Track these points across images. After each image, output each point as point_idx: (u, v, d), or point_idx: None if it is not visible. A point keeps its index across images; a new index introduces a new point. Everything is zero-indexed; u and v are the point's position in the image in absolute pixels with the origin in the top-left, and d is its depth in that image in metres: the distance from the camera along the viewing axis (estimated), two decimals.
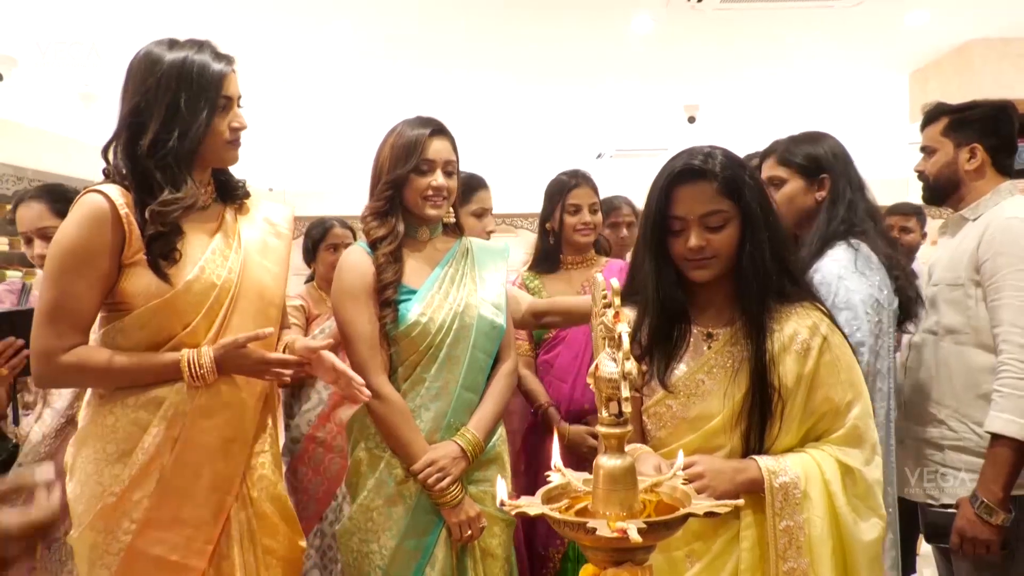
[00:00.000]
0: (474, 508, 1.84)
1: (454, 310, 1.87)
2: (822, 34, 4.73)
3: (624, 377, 1.01)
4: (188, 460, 1.57)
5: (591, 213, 2.53)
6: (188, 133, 1.56)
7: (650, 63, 5.30)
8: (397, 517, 1.82)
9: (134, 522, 1.54)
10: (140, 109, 1.57)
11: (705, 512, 1.03)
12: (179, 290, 1.56)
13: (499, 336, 1.93)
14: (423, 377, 1.85)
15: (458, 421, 1.86)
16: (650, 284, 1.51)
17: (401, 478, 1.83)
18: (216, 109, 1.59)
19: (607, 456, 1.06)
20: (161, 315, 1.57)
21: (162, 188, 1.55)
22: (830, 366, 1.47)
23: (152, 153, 1.55)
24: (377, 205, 1.90)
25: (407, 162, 1.86)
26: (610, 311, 1.04)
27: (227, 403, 1.61)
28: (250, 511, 1.65)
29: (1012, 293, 1.87)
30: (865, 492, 1.45)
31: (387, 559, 1.81)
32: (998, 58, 4.71)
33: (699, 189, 1.45)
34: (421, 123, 1.92)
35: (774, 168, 2.06)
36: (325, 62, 5.20)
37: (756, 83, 5.84)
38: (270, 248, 1.73)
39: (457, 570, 1.85)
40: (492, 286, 1.95)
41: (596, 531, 0.96)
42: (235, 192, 1.73)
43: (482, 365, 1.90)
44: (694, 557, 1.46)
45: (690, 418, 1.50)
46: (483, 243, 2.08)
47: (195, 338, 1.59)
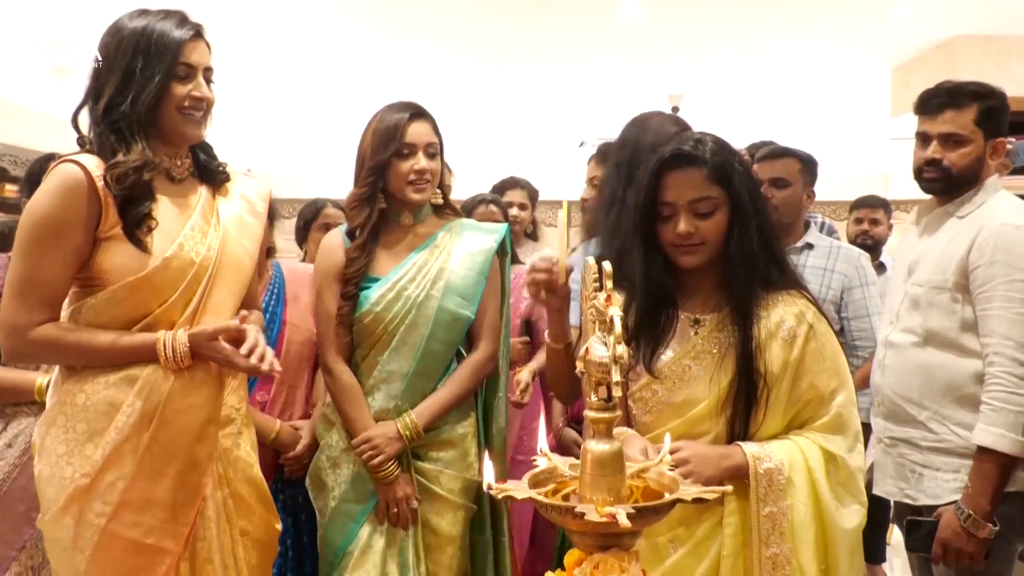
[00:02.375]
0: (405, 489, 1.89)
1: (412, 300, 1.90)
2: (807, 25, 4.74)
3: (615, 361, 1.00)
4: (164, 440, 1.54)
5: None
6: (140, 97, 1.52)
7: (635, 51, 5.29)
8: (341, 480, 1.93)
9: (108, 504, 1.51)
10: (99, 74, 1.55)
11: (693, 498, 1.02)
12: (157, 266, 1.53)
13: (464, 326, 1.94)
14: (377, 360, 1.92)
15: (407, 405, 1.91)
16: (638, 269, 1.51)
17: (346, 444, 1.93)
18: (172, 76, 1.55)
19: (595, 441, 1.05)
20: (139, 292, 1.53)
21: (115, 152, 1.52)
22: (816, 353, 1.47)
23: (105, 118, 1.53)
24: (361, 191, 1.91)
25: (388, 147, 1.87)
26: (601, 294, 1.03)
27: (203, 383, 1.58)
28: (226, 491, 1.63)
29: (1003, 304, 1.84)
30: (847, 479, 1.46)
31: (327, 517, 1.94)
32: (980, 55, 4.75)
33: (689, 175, 1.45)
34: (401, 107, 1.93)
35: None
36: (307, 44, 5.13)
37: (740, 74, 5.84)
38: (247, 226, 1.70)
39: (394, 539, 1.90)
40: (465, 275, 1.94)
41: (584, 516, 0.95)
42: (214, 174, 1.69)
43: (440, 354, 1.93)
44: (677, 543, 1.47)
45: (676, 403, 1.50)
46: (474, 226, 2.06)
47: (171, 316, 1.56)
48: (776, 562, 1.41)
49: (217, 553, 1.59)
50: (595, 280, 1.09)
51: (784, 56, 5.40)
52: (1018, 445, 1.80)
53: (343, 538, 1.90)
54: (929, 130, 2.00)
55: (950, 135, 1.97)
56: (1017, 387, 1.81)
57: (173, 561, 1.55)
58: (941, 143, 1.98)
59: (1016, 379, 1.81)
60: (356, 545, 1.89)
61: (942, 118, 1.98)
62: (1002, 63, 4.72)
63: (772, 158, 2.61)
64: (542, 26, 4.83)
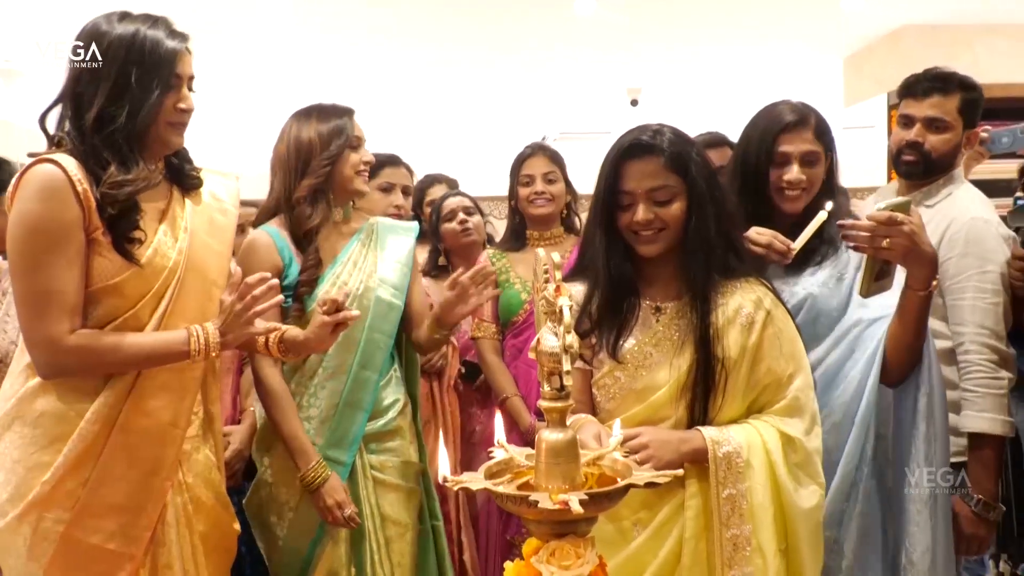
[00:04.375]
0: (338, 495, 1.87)
1: (353, 294, 1.93)
2: (760, 17, 4.80)
3: (565, 351, 1.02)
4: (126, 445, 1.52)
5: (545, 183, 2.48)
6: (139, 112, 1.49)
7: (593, 45, 5.31)
8: (295, 489, 1.90)
9: (67, 510, 1.49)
10: (84, 80, 1.50)
11: (646, 483, 1.04)
12: (131, 273, 1.51)
13: (398, 317, 2.01)
14: (321, 358, 1.93)
15: (354, 398, 1.93)
16: (600, 258, 1.54)
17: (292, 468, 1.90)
18: (168, 88, 1.52)
19: (549, 430, 1.06)
20: (111, 296, 1.51)
21: (110, 166, 1.48)
22: (773, 339, 1.51)
23: (98, 129, 1.49)
24: (317, 181, 1.93)
25: (342, 137, 1.94)
26: (551, 285, 1.05)
27: (164, 386, 1.56)
28: (186, 496, 1.61)
29: (976, 294, 1.90)
30: (804, 460, 1.49)
31: (286, 529, 1.93)
32: (928, 44, 4.84)
33: (647, 164, 1.49)
34: (337, 110, 2.00)
35: None
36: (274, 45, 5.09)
37: (697, 66, 5.90)
38: (216, 226, 1.67)
39: (357, 537, 1.94)
40: (392, 267, 2.02)
41: (538, 504, 0.97)
42: (187, 181, 1.66)
43: (381, 345, 1.98)
44: (640, 526, 1.50)
45: (637, 389, 1.53)
46: (389, 222, 2.13)
47: (139, 320, 1.54)
48: (736, 543, 1.44)
49: (177, 559, 1.58)
50: (545, 272, 1.11)
51: (740, 48, 5.46)
52: (1008, 425, 1.88)
53: (309, 544, 1.91)
54: (915, 113, 2.02)
55: (934, 119, 1.99)
56: (996, 371, 1.88)
57: (134, 567, 1.54)
58: (924, 126, 2.01)
59: (994, 365, 1.88)
60: (322, 549, 1.91)
61: (928, 102, 2.00)
62: (949, 52, 4.81)
63: (707, 148, 2.64)
64: (500, 23, 4.84)
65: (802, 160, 1.74)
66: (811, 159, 1.75)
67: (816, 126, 1.77)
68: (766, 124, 1.78)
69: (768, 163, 1.76)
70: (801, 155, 1.74)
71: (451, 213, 2.71)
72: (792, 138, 1.75)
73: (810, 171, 1.75)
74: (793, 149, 1.74)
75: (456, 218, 2.69)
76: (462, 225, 2.67)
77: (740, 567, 1.43)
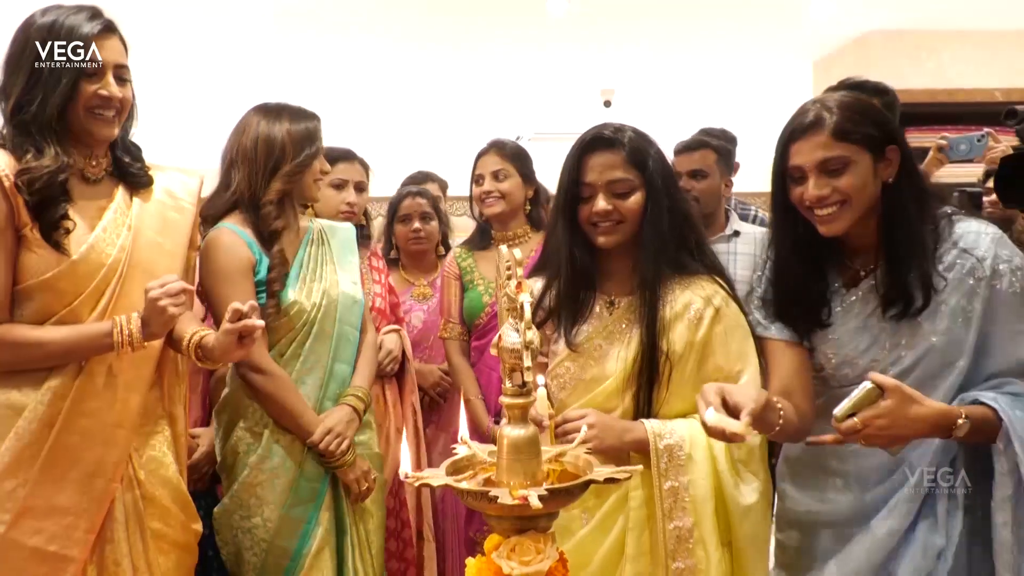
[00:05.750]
0: (365, 463, 1.97)
1: (322, 288, 1.97)
2: (731, 21, 4.85)
3: (526, 347, 1.02)
4: (67, 445, 1.50)
5: (495, 180, 2.43)
6: (49, 98, 1.48)
7: (566, 46, 5.33)
8: (281, 488, 1.89)
9: (7, 512, 1.47)
10: (7, 72, 1.51)
11: (605, 478, 1.05)
12: (63, 269, 1.50)
13: (361, 309, 2.06)
14: (298, 352, 1.94)
15: (333, 391, 1.98)
16: (563, 249, 1.60)
17: (283, 451, 1.90)
18: (81, 74, 1.50)
19: (510, 426, 1.07)
20: (45, 292, 1.50)
21: (25, 154, 1.47)
22: (721, 336, 1.55)
23: (13, 119, 1.49)
24: (287, 187, 1.94)
25: (312, 144, 1.97)
26: (512, 282, 1.05)
27: (107, 386, 1.55)
28: (136, 493, 1.59)
29: None
30: (747, 456, 1.53)
31: (272, 530, 1.88)
32: (894, 49, 4.93)
33: (607, 158, 1.56)
34: (306, 112, 2.01)
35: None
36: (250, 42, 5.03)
37: (668, 69, 5.95)
38: (168, 223, 1.66)
39: (340, 532, 1.96)
40: (348, 264, 2.08)
41: (498, 499, 0.97)
42: (134, 176, 1.64)
43: (350, 338, 2.03)
44: (588, 515, 1.53)
45: (586, 379, 1.58)
46: (333, 225, 2.16)
47: (78, 316, 1.53)
48: (680, 535, 1.47)
49: (126, 557, 1.56)
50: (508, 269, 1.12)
51: (710, 51, 5.51)
52: None
53: (299, 541, 1.90)
54: None
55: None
56: None
57: (77, 568, 1.52)
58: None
59: None
60: (313, 545, 1.90)
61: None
62: (914, 56, 4.90)
63: (689, 150, 2.68)
64: (473, 23, 4.84)
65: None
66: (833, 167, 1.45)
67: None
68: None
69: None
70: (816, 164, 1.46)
71: (406, 216, 2.71)
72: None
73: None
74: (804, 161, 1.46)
75: (410, 224, 2.70)
76: (414, 233, 2.71)
77: (683, 559, 1.47)
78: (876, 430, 1.25)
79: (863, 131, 1.40)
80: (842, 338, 1.47)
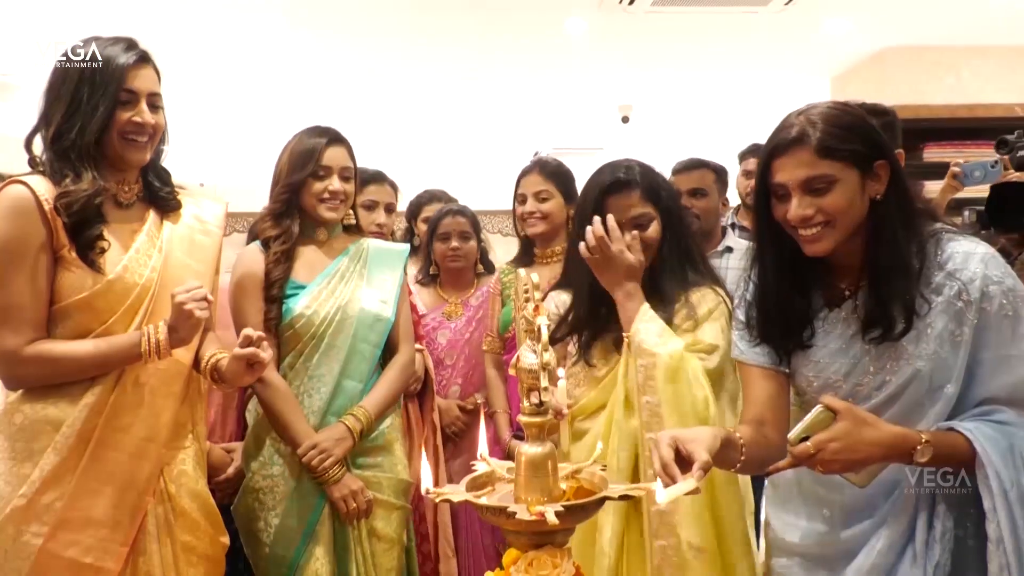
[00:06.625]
0: (356, 483, 1.95)
1: (338, 303, 1.99)
2: (749, 38, 4.88)
3: (543, 368, 1.06)
4: (102, 459, 1.56)
5: (537, 201, 2.45)
6: (87, 126, 1.56)
7: (584, 63, 5.38)
8: (280, 497, 1.94)
9: (45, 524, 1.51)
10: (49, 101, 1.59)
11: (620, 495, 1.08)
12: (99, 289, 1.56)
13: (386, 328, 2.04)
14: (306, 366, 1.97)
15: (340, 407, 1.97)
16: (585, 276, 1.75)
17: (283, 461, 1.95)
18: (117, 103, 1.58)
19: (529, 444, 1.10)
20: (81, 312, 1.57)
21: (64, 179, 1.55)
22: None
23: (54, 145, 1.56)
24: (274, 207, 2.02)
25: (304, 168, 1.99)
26: (530, 305, 1.09)
27: (140, 402, 1.60)
28: (168, 506, 1.64)
29: None
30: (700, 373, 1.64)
31: (272, 536, 1.93)
32: (912, 65, 4.93)
33: (626, 197, 1.73)
34: (319, 132, 2.04)
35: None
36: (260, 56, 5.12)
37: (687, 85, 5.97)
38: (197, 245, 1.72)
39: (340, 547, 1.96)
40: (380, 282, 2.07)
41: (516, 515, 1.01)
42: (163, 200, 1.71)
43: (367, 355, 2.01)
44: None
45: (599, 376, 1.76)
46: (381, 244, 2.18)
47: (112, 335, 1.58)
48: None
49: (158, 568, 1.61)
50: (526, 292, 1.15)
51: (729, 67, 5.54)
52: None
53: (295, 552, 1.93)
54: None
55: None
56: None
57: None
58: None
59: None
60: (306, 559, 1.92)
61: None
62: (932, 73, 4.90)
63: (688, 170, 2.77)
64: (494, 40, 4.90)
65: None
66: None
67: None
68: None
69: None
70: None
71: (445, 235, 2.74)
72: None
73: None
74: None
75: (449, 242, 2.73)
76: (453, 251, 2.73)
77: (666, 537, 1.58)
78: (830, 454, 1.19)
79: (849, 147, 1.31)
80: (823, 360, 1.40)
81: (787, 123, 1.36)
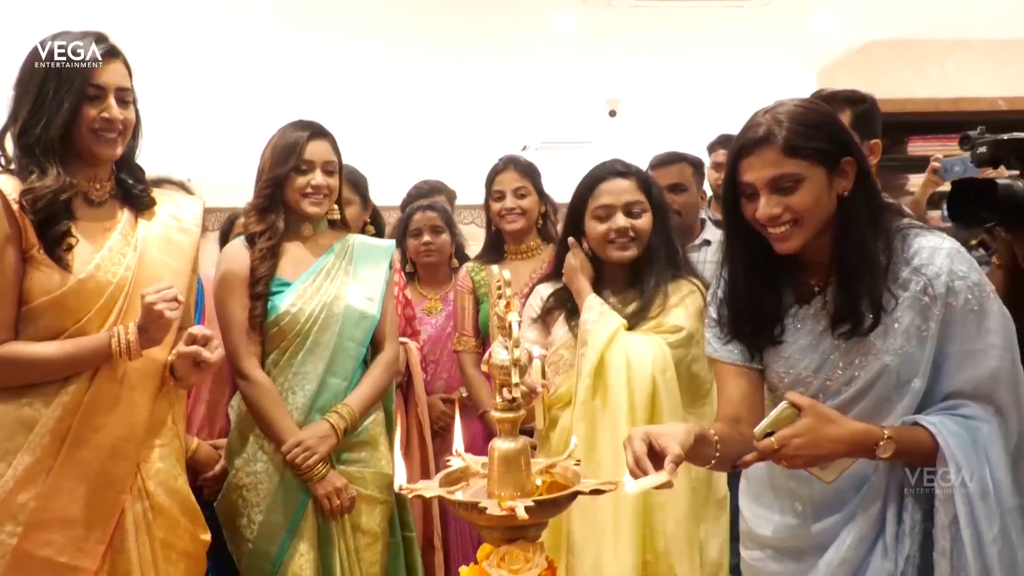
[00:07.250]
0: (340, 480, 1.95)
1: (323, 301, 1.99)
2: (734, 32, 4.88)
3: (515, 364, 1.07)
4: (77, 459, 1.55)
5: (516, 198, 2.47)
6: (52, 121, 1.54)
7: (570, 58, 5.38)
8: (264, 493, 1.95)
9: (19, 524, 1.51)
10: (16, 97, 1.57)
11: (591, 490, 1.09)
12: (70, 287, 1.55)
13: (371, 325, 2.04)
14: (291, 363, 1.97)
15: (325, 404, 1.98)
16: None
17: (267, 458, 1.96)
18: (84, 98, 1.56)
19: (501, 439, 1.11)
20: (53, 311, 1.55)
21: (30, 175, 1.53)
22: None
23: (20, 141, 1.56)
24: (258, 202, 2.02)
25: (287, 162, 1.98)
26: (502, 302, 1.09)
27: (116, 400, 1.60)
28: (146, 503, 1.64)
29: None
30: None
31: (255, 532, 1.95)
32: (897, 59, 4.95)
33: (623, 183, 1.92)
34: (302, 126, 2.04)
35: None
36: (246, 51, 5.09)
37: (673, 79, 5.98)
38: (173, 243, 1.71)
39: (324, 542, 1.97)
40: (366, 279, 2.06)
41: (487, 510, 1.02)
42: (137, 198, 1.70)
43: (352, 353, 2.01)
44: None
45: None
46: (367, 241, 2.18)
47: (86, 334, 1.57)
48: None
49: (136, 566, 1.61)
50: (498, 288, 1.16)
51: (715, 61, 5.55)
52: None
53: (278, 547, 1.94)
54: None
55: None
56: None
57: None
58: None
59: None
60: (290, 554, 1.93)
61: None
62: (917, 66, 4.92)
63: (666, 164, 2.76)
64: (480, 33, 4.89)
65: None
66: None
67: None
68: None
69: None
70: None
71: (417, 231, 2.77)
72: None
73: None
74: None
75: (420, 238, 2.76)
76: (425, 246, 2.76)
77: None
78: (793, 450, 1.20)
79: (815, 145, 1.31)
80: (794, 356, 1.41)
81: (754, 122, 1.36)
